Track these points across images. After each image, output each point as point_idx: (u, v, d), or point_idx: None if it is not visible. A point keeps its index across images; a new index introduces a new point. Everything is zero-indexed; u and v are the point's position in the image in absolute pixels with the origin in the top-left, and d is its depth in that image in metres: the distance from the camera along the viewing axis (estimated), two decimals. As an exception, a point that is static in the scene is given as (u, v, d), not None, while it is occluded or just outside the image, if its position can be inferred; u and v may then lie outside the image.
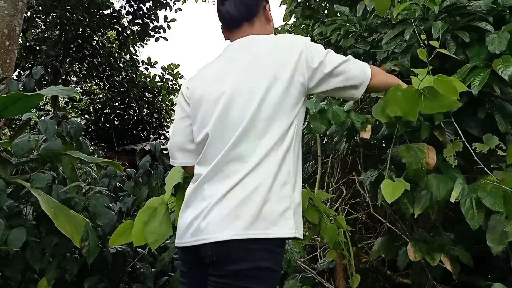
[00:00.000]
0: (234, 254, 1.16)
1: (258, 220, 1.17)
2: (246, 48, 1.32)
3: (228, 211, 1.18)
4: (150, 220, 1.49)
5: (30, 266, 2.06)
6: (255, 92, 1.23)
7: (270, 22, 1.42)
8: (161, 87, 7.43)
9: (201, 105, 1.32)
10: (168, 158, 1.52)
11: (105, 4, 6.65)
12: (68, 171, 2.41)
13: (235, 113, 1.24)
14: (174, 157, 1.43)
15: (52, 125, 2.24)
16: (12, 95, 2.03)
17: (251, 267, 1.16)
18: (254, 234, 1.16)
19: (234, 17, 1.38)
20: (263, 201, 1.18)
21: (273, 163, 1.21)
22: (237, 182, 1.20)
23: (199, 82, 1.37)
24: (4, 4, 3.67)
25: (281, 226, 1.18)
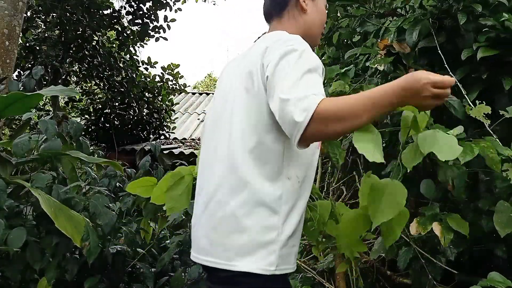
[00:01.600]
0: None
1: (232, 246, 1.05)
2: (258, 41, 1.24)
3: (204, 231, 1.13)
4: (175, 185, 1.49)
5: (30, 266, 2.06)
6: (230, 93, 1.16)
7: (307, 13, 1.26)
8: (161, 87, 7.42)
9: (214, 101, 1.29)
10: (168, 158, 1.53)
11: (105, 4, 6.64)
12: (68, 171, 2.41)
13: (219, 110, 1.19)
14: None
15: (52, 125, 2.24)
16: (12, 95, 2.03)
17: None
18: (217, 263, 1.06)
19: (265, 13, 1.32)
20: (235, 227, 1.05)
21: (252, 184, 1.05)
22: (211, 197, 1.11)
23: (220, 75, 1.34)
24: (4, 4, 3.67)
25: (254, 260, 1.03)
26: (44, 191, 2.04)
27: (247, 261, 1.03)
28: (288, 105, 0.95)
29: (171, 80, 7.66)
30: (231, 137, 1.10)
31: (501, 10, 1.61)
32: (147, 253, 2.69)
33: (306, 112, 0.92)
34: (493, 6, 1.64)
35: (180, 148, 7.15)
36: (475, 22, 1.63)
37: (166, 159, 3.98)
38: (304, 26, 1.27)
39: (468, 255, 1.80)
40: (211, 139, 1.20)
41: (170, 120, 7.79)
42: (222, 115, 1.17)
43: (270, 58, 1.06)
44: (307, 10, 1.27)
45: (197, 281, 2.22)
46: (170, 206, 1.47)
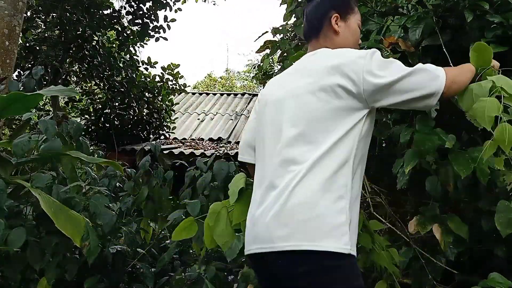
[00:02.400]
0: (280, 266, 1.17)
1: (311, 230, 1.15)
2: (307, 58, 1.41)
3: (278, 218, 1.18)
4: (216, 224, 1.57)
5: (30, 266, 2.06)
6: (302, 98, 1.27)
7: (339, 34, 1.41)
8: (161, 87, 7.41)
9: (264, 109, 1.42)
10: (168, 158, 1.57)
11: (105, 4, 6.64)
12: (68, 171, 2.40)
13: (286, 117, 1.29)
14: (242, 153, 1.56)
15: (52, 125, 2.23)
16: (12, 95, 2.03)
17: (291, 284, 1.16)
18: (299, 245, 1.14)
19: (304, 34, 1.50)
20: (316, 210, 1.16)
21: (325, 171, 1.19)
22: (284, 188, 1.20)
23: (269, 86, 1.50)
24: (4, 4, 3.67)
25: (334, 240, 1.14)
26: (44, 191, 2.04)
27: (326, 241, 1.13)
28: (417, 72, 1.24)
29: (171, 80, 7.65)
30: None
31: (505, 10, 1.61)
32: (147, 253, 2.69)
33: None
34: (497, 5, 1.64)
35: (180, 148, 7.15)
36: (480, 19, 1.63)
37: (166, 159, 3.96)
38: (337, 45, 1.40)
39: (468, 255, 1.80)
40: (268, 136, 1.35)
41: (170, 120, 7.78)
42: (282, 119, 1.32)
43: (359, 68, 1.23)
44: (339, 32, 1.42)
45: (197, 281, 2.22)
46: (222, 243, 1.57)
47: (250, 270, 1.95)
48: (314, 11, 1.47)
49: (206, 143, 7.98)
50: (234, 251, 1.81)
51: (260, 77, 6.21)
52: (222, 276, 2.29)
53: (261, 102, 1.47)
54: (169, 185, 2.86)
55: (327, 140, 1.21)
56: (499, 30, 1.58)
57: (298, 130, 1.25)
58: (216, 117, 9.51)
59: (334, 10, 1.42)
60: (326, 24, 1.42)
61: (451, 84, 1.26)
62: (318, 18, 1.43)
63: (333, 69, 1.25)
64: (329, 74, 1.25)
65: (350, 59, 1.26)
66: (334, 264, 1.14)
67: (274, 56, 3.15)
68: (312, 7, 1.48)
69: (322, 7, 1.44)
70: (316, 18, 1.44)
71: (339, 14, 1.42)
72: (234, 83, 20.60)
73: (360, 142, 1.25)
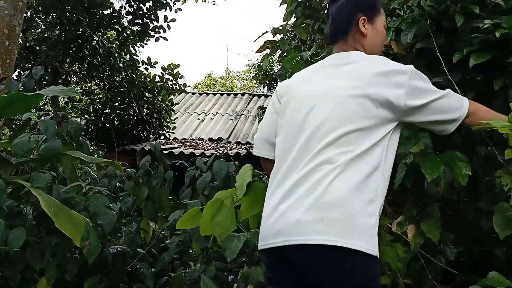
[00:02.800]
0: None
1: (345, 228, 1.16)
2: (339, 60, 1.41)
3: (313, 213, 1.18)
4: (217, 212, 1.55)
5: (30, 266, 2.06)
6: (341, 100, 1.28)
7: (367, 36, 1.43)
8: (161, 87, 7.41)
9: (290, 103, 1.41)
10: (168, 158, 1.55)
11: (105, 4, 6.64)
12: (68, 171, 2.41)
13: (321, 116, 1.29)
14: (258, 148, 1.53)
15: (52, 125, 2.23)
16: (12, 95, 2.03)
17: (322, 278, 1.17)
18: (334, 241, 1.14)
19: (330, 36, 1.49)
20: (350, 210, 1.18)
21: (358, 173, 1.21)
22: (316, 184, 1.21)
23: (293, 81, 1.49)
24: (4, 4, 3.67)
25: (366, 241, 1.17)
26: (44, 191, 2.04)
27: (360, 241, 1.16)
28: (448, 96, 1.31)
29: (171, 80, 7.65)
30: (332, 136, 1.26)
31: (497, 12, 1.60)
32: (147, 253, 2.69)
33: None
34: (490, 7, 1.64)
35: (180, 148, 7.15)
36: (472, 23, 1.63)
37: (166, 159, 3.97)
38: (367, 47, 1.44)
39: (468, 255, 1.80)
40: (299, 132, 1.33)
41: (170, 120, 7.78)
42: (310, 119, 1.32)
43: (411, 84, 1.28)
44: (366, 34, 1.43)
45: (197, 281, 2.22)
46: (218, 233, 1.55)
47: (250, 270, 1.94)
48: (340, 12, 1.47)
49: (206, 143, 7.98)
50: (234, 251, 1.80)
51: (260, 77, 6.22)
52: (222, 276, 2.29)
53: (284, 97, 1.46)
54: (169, 185, 2.86)
55: (360, 146, 1.23)
56: (484, 37, 1.58)
57: (334, 131, 1.25)
58: (216, 117, 9.51)
59: (361, 12, 1.43)
60: (353, 26, 1.43)
61: (472, 114, 1.33)
62: (345, 21, 1.44)
63: (379, 79, 1.28)
64: (375, 83, 1.27)
65: (395, 71, 1.29)
66: (363, 263, 1.17)
67: (274, 56, 3.15)
68: (338, 8, 1.47)
69: (349, 9, 1.45)
70: (343, 20, 1.45)
71: (366, 17, 1.43)
72: (234, 83, 20.60)
73: (389, 152, 1.29)
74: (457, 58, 1.60)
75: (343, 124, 1.25)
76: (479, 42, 1.59)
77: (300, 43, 2.96)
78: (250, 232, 1.92)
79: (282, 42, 2.85)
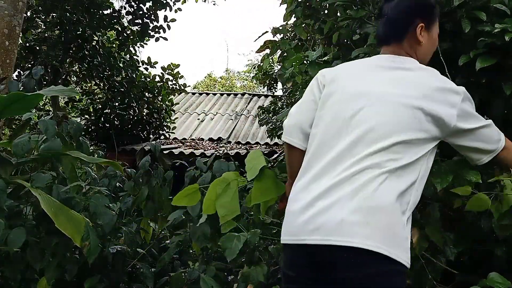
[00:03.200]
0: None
1: (387, 236, 1.15)
2: (397, 64, 1.35)
3: (359, 215, 1.15)
4: (223, 193, 1.51)
5: (30, 266, 2.06)
6: (394, 107, 1.25)
7: (422, 44, 1.39)
8: (161, 87, 7.42)
9: (334, 96, 1.36)
10: (168, 158, 1.53)
11: (105, 4, 6.64)
12: (68, 171, 2.40)
13: (373, 120, 1.25)
14: (290, 135, 1.44)
15: (52, 125, 2.23)
16: (12, 95, 2.03)
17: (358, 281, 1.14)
18: (377, 247, 1.13)
19: (382, 36, 1.44)
20: (392, 218, 1.16)
21: (402, 183, 1.20)
22: (363, 186, 1.18)
23: (339, 74, 1.42)
24: (4, 4, 3.67)
25: (404, 252, 1.16)
26: (44, 191, 2.04)
27: (400, 251, 1.15)
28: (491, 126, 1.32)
29: (171, 80, 7.66)
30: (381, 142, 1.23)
31: (498, 16, 1.60)
32: (147, 253, 2.69)
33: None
34: (492, 12, 1.64)
35: (180, 148, 7.15)
36: (476, 27, 1.63)
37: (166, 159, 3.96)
38: (419, 55, 1.40)
39: (468, 255, 1.80)
40: (343, 130, 1.29)
41: (170, 120, 7.78)
42: (360, 118, 1.27)
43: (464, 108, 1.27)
44: (422, 42, 1.38)
45: (197, 281, 2.22)
46: (223, 214, 1.50)
47: (250, 270, 1.94)
48: (398, 14, 1.41)
49: (206, 143, 7.98)
50: (234, 251, 1.79)
51: (260, 77, 6.22)
52: (222, 276, 2.28)
53: (328, 87, 1.39)
54: (169, 185, 2.86)
55: (407, 156, 1.21)
56: (489, 41, 1.57)
57: (386, 138, 1.22)
58: (216, 117, 9.51)
59: (420, 19, 1.38)
60: (410, 32, 1.38)
61: (506, 149, 1.33)
62: (403, 24, 1.39)
63: (436, 94, 1.25)
64: (431, 97, 1.25)
65: (451, 90, 1.27)
66: (400, 274, 1.16)
67: (274, 56, 3.15)
68: (395, 9, 1.41)
69: (408, 13, 1.39)
70: (400, 23, 1.40)
71: (424, 24, 1.38)
72: (234, 83, 20.60)
73: (427, 169, 1.27)
74: (463, 61, 1.60)
75: (395, 132, 1.22)
76: (484, 46, 1.59)
77: (300, 43, 2.96)
78: (250, 232, 1.93)
79: (282, 42, 2.84)
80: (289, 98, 4.36)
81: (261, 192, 1.52)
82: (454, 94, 1.27)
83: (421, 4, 1.42)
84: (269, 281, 2.03)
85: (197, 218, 2.24)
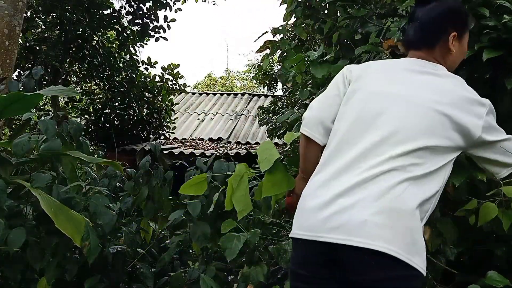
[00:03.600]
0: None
1: (409, 242, 1.13)
2: (427, 68, 1.34)
3: (382, 218, 1.13)
4: (238, 187, 1.51)
5: (30, 266, 2.06)
6: (424, 111, 1.23)
7: (452, 53, 1.37)
8: (161, 87, 7.42)
9: (359, 93, 1.34)
10: (168, 158, 1.53)
11: (105, 4, 6.65)
12: (68, 171, 2.40)
13: (403, 123, 1.23)
14: (311, 128, 1.40)
15: (52, 125, 2.23)
16: (12, 95, 2.03)
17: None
18: (397, 253, 1.11)
19: (413, 40, 1.41)
20: (415, 225, 1.16)
21: (426, 191, 1.19)
22: (388, 189, 1.16)
23: (367, 71, 1.40)
24: (4, 4, 3.67)
25: (422, 260, 1.16)
26: (44, 191, 2.04)
27: (418, 258, 1.14)
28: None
29: (171, 80, 7.66)
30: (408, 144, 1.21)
31: (502, 12, 1.60)
32: (147, 253, 2.68)
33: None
34: (495, 8, 1.64)
35: (180, 148, 7.15)
36: (478, 23, 1.63)
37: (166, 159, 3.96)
38: (448, 63, 1.39)
39: (468, 255, 1.80)
40: (367, 128, 1.27)
41: (170, 120, 7.78)
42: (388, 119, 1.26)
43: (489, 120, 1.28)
44: (453, 51, 1.38)
45: (197, 281, 2.22)
46: (240, 209, 1.50)
47: (250, 270, 1.94)
48: (431, 21, 1.39)
49: (206, 143, 7.98)
50: (234, 251, 1.78)
51: (260, 77, 6.22)
52: (222, 276, 2.29)
53: (354, 84, 1.37)
54: (169, 185, 2.86)
55: (430, 163, 1.20)
56: (494, 34, 1.57)
57: (412, 141, 1.20)
58: (216, 117, 9.51)
59: (454, 28, 1.37)
60: (443, 39, 1.37)
61: None
62: (436, 32, 1.38)
63: (464, 103, 1.25)
64: (459, 106, 1.24)
65: (478, 102, 1.27)
66: (416, 278, 1.15)
67: (274, 56, 3.15)
68: (429, 16, 1.39)
69: (442, 21, 1.38)
70: (433, 30, 1.38)
71: (457, 33, 1.37)
72: (234, 83, 20.61)
73: (445, 180, 1.26)
74: (467, 55, 1.59)
75: (420, 136, 1.21)
76: (488, 40, 1.59)
77: (300, 43, 2.96)
78: (250, 232, 1.92)
79: (282, 42, 2.84)
80: (289, 98, 4.36)
81: (273, 185, 1.50)
82: (481, 106, 1.26)
83: (456, 13, 1.41)
84: (269, 281, 2.02)
85: (197, 218, 2.25)
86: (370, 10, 2.10)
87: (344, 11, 2.29)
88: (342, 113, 1.36)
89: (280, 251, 1.86)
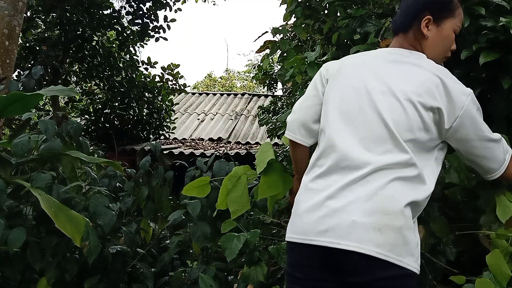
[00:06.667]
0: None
1: (399, 244, 1.12)
2: (403, 57, 1.30)
3: (372, 220, 1.12)
4: (233, 188, 1.52)
5: (30, 266, 2.06)
6: (404, 104, 1.19)
7: (427, 38, 1.31)
8: (161, 87, 7.42)
9: (339, 89, 1.31)
10: (168, 158, 1.54)
11: (105, 4, 6.65)
12: (68, 171, 2.41)
13: (389, 117, 1.20)
14: (293, 132, 1.41)
15: (52, 125, 2.24)
16: (12, 95, 2.03)
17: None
18: (386, 256, 1.10)
19: (393, 26, 1.39)
20: (405, 225, 1.14)
21: (417, 192, 1.17)
22: (378, 190, 1.14)
23: (344, 67, 1.36)
24: (4, 4, 3.67)
25: (414, 260, 1.15)
26: (44, 191, 2.04)
27: (409, 259, 1.13)
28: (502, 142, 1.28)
29: (171, 80, 7.66)
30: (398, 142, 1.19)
31: (500, 13, 1.61)
32: (147, 253, 2.69)
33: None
34: (492, 8, 1.64)
35: (180, 148, 7.15)
36: (476, 23, 1.63)
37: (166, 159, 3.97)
38: (425, 49, 1.33)
39: (468, 255, 1.80)
40: (352, 125, 1.25)
41: (170, 120, 7.78)
42: (367, 111, 1.23)
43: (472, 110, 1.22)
44: (427, 36, 1.31)
45: (197, 281, 2.22)
46: (233, 209, 1.51)
47: (250, 270, 1.94)
48: (407, 4, 1.36)
49: (206, 143, 7.98)
50: (234, 251, 1.78)
51: (260, 77, 6.22)
52: (222, 276, 2.29)
53: (333, 81, 1.34)
54: (169, 185, 2.86)
55: (419, 159, 1.18)
56: (491, 35, 1.57)
57: (394, 135, 1.18)
58: (216, 117, 9.51)
59: (428, 11, 1.30)
60: (416, 23, 1.31)
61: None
62: (410, 15, 1.33)
63: (441, 92, 1.20)
64: (433, 95, 1.19)
65: (458, 90, 1.21)
66: (410, 278, 1.14)
67: (274, 56, 3.15)
68: (407, 1, 1.36)
69: (417, 3, 1.33)
70: (407, 14, 1.34)
71: (432, 17, 1.30)
72: (234, 83, 20.60)
73: (436, 177, 1.24)
74: (465, 55, 1.59)
75: (403, 130, 1.18)
76: (486, 41, 1.58)
77: (300, 43, 2.96)
78: (250, 232, 1.93)
79: (282, 42, 2.84)
80: (289, 98, 4.36)
81: (268, 186, 1.51)
82: (462, 95, 1.21)
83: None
84: (269, 281, 2.02)
85: (197, 218, 2.25)
86: (368, 10, 2.10)
87: (343, 11, 2.29)
88: (325, 112, 1.34)
89: (280, 251, 1.86)
